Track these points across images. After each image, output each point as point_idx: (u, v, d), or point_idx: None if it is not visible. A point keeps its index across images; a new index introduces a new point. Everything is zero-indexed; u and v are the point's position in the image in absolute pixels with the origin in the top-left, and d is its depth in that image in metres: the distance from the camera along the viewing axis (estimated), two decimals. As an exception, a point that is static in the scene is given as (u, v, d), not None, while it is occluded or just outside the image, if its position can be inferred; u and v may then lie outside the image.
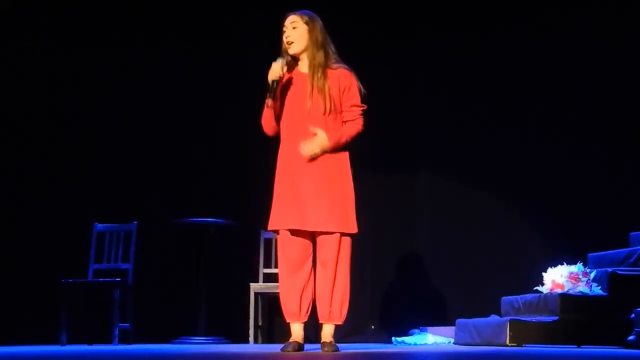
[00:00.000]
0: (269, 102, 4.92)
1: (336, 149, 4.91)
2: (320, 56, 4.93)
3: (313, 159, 4.87)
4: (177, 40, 7.86)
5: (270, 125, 5.02)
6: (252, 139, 7.10)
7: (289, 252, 4.93)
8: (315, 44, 4.94)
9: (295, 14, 4.98)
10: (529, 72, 7.77)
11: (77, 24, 7.65)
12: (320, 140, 4.85)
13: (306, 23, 4.95)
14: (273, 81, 4.88)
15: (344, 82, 4.97)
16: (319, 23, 4.98)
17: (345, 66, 5.01)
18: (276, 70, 4.88)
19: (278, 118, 4.99)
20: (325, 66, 4.94)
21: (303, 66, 5.00)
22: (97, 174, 7.59)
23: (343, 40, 5.12)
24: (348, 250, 4.94)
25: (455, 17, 7.90)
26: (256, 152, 6.45)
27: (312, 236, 4.96)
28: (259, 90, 5.10)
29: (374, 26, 7.87)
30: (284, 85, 4.97)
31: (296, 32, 4.94)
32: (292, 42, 4.93)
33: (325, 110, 4.88)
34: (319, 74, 4.91)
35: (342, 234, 4.91)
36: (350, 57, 5.14)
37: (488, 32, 7.85)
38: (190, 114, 7.79)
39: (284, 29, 4.97)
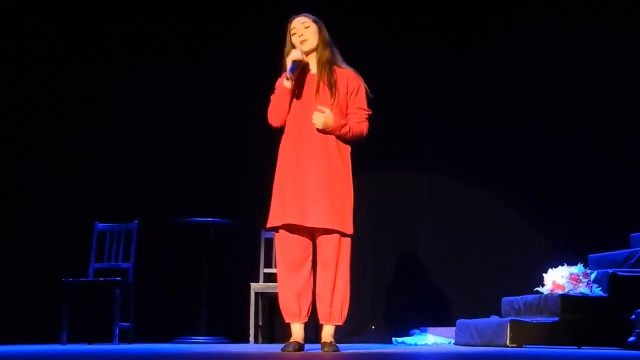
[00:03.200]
0: (290, 80, 4.86)
1: (337, 134, 4.91)
2: (327, 53, 4.97)
3: (319, 132, 4.88)
4: (178, 40, 7.86)
5: (282, 114, 4.94)
6: (253, 138, 7.17)
7: (288, 251, 4.93)
8: (324, 43, 4.98)
9: (302, 15, 5.01)
10: (529, 73, 7.77)
11: (77, 23, 7.65)
12: (327, 115, 4.86)
13: (315, 22, 5.00)
14: (294, 61, 4.87)
15: (353, 84, 5.01)
16: (323, 24, 5.03)
17: (353, 69, 5.05)
18: (297, 53, 4.89)
19: (288, 112, 4.97)
20: (332, 63, 4.98)
21: (311, 66, 5.00)
22: (98, 173, 7.59)
23: (344, 41, 5.13)
24: (348, 250, 4.94)
25: (457, 18, 7.90)
26: (257, 152, 6.47)
27: (311, 236, 4.96)
28: (259, 90, 5.10)
29: (375, 27, 7.87)
30: (294, 83, 4.96)
31: (309, 30, 4.97)
32: (306, 40, 4.94)
33: (332, 104, 4.90)
34: (327, 70, 4.95)
35: (342, 235, 4.91)
36: (351, 58, 5.15)
37: (489, 33, 7.86)
38: (190, 113, 7.80)
39: (293, 30, 4.97)
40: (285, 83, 4.89)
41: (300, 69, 4.93)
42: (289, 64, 4.87)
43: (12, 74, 7.45)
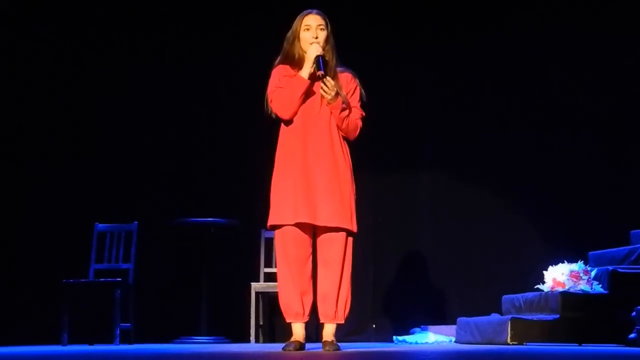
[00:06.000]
0: (323, 77, 4.87)
1: (339, 115, 4.91)
2: (334, 59, 5.00)
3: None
4: (177, 40, 7.85)
5: (297, 104, 4.92)
6: (253, 138, 7.17)
7: (291, 250, 4.92)
8: (332, 48, 5.00)
9: (318, 14, 5.01)
10: (528, 71, 7.78)
11: (78, 23, 7.65)
12: (336, 85, 4.88)
13: (327, 27, 5.01)
14: (317, 56, 4.87)
15: (351, 85, 5.05)
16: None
17: (350, 70, 5.08)
18: (318, 47, 4.90)
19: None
20: (336, 69, 5.00)
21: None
22: (98, 173, 7.58)
23: (344, 38, 5.13)
24: (351, 249, 4.97)
25: (457, 18, 7.90)
26: (256, 152, 6.46)
27: (312, 234, 4.96)
28: (260, 91, 5.10)
29: (374, 24, 7.87)
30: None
31: (323, 34, 4.97)
32: (317, 43, 4.94)
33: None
34: (333, 75, 4.95)
35: (348, 234, 4.92)
36: (350, 55, 5.16)
37: (488, 31, 7.85)
38: (190, 114, 7.80)
39: (307, 27, 4.97)
40: (302, 73, 4.89)
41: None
42: (312, 60, 4.87)
43: (11, 73, 7.44)
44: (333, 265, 4.92)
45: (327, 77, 4.87)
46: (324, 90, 4.87)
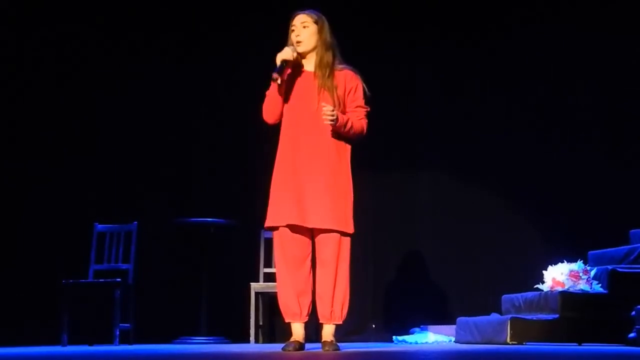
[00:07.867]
0: (276, 81, 4.86)
1: (342, 132, 4.89)
2: (328, 56, 4.95)
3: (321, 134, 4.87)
4: (177, 40, 7.86)
5: (273, 111, 4.95)
6: (252, 138, 7.18)
7: (289, 250, 4.93)
8: (324, 44, 4.96)
9: (304, 13, 4.98)
10: (528, 71, 7.78)
11: (78, 23, 7.65)
12: (335, 111, 4.84)
13: (315, 22, 4.96)
14: (283, 60, 4.86)
15: (350, 83, 4.99)
16: (327, 23, 5.00)
17: (351, 67, 5.04)
18: (287, 52, 4.87)
19: (280, 109, 4.97)
20: (332, 66, 4.96)
21: (308, 65, 5.00)
22: (98, 174, 7.59)
23: (343, 38, 5.13)
24: (348, 250, 4.95)
25: (455, 16, 7.90)
26: (256, 152, 6.48)
27: (311, 235, 4.96)
28: (259, 89, 5.10)
29: (374, 24, 7.87)
30: (290, 81, 4.96)
31: (306, 31, 4.95)
32: (301, 42, 4.93)
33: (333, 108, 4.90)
34: (327, 74, 4.93)
35: (342, 234, 4.91)
36: (350, 55, 5.15)
37: (488, 31, 7.86)
38: (190, 113, 7.80)
39: (293, 27, 4.96)
40: (273, 83, 4.89)
41: (291, 68, 4.92)
42: (278, 61, 4.86)
43: (11, 73, 7.44)
44: (327, 266, 4.91)
45: (325, 104, 4.81)
46: (325, 117, 4.82)
